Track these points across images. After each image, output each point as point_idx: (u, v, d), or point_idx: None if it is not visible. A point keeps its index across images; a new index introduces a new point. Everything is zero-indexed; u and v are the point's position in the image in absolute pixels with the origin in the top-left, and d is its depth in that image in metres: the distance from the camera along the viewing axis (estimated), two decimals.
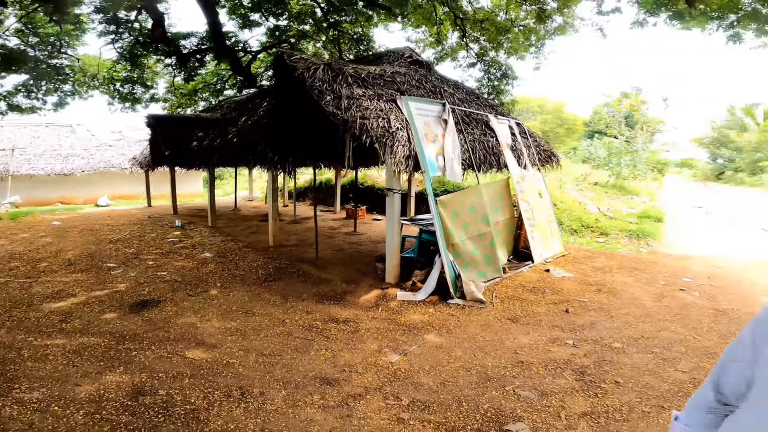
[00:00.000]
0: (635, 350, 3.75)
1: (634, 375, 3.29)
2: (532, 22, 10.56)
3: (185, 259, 6.81)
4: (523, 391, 3.04)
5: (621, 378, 3.24)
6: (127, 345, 3.73)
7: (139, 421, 2.60)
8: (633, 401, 2.92)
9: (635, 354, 3.67)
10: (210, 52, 11.74)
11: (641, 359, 3.57)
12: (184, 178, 16.79)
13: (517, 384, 3.14)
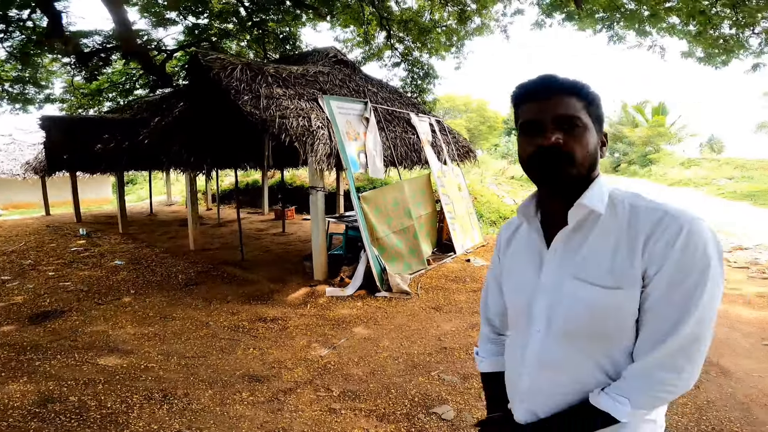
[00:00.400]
0: None
1: None
2: (454, 23, 11.01)
3: (92, 269, 6.32)
4: (447, 375, 3.24)
5: None
6: (29, 356, 3.46)
7: (51, 427, 2.48)
8: None
9: None
10: (117, 51, 10.86)
11: None
12: (89, 184, 15.38)
13: (441, 369, 3.34)
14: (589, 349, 0.89)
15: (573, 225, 0.90)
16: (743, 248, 8.17)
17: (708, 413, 2.73)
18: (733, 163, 22.65)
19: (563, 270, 0.91)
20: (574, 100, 0.88)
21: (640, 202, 0.88)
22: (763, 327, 4.23)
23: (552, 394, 0.94)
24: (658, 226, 0.82)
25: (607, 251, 0.86)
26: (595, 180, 0.91)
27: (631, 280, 0.83)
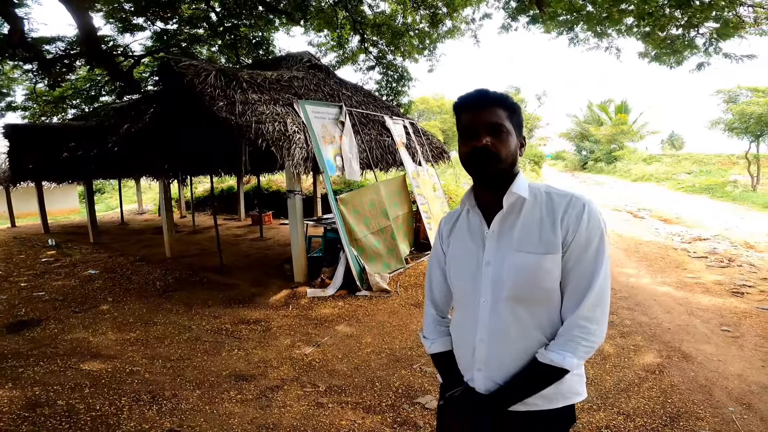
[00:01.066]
0: None
1: None
2: (427, 26, 11.18)
3: (65, 278, 6.20)
4: (428, 367, 3.36)
5: None
6: (11, 363, 3.44)
7: (42, 430, 2.51)
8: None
9: None
10: (81, 57, 10.58)
11: None
12: (56, 194, 14.87)
13: (422, 362, 3.46)
14: (530, 311, 1.11)
15: (507, 208, 1.13)
16: (702, 239, 8.67)
17: (672, 396, 2.90)
18: (692, 158, 23.85)
19: (503, 245, 1.14)
20: (501, 110, 1.11)
21: (551, 190, 1.16)
22: (721, 313, 4.52)
23: (506, 358, 1.13)
24: (569, 205, 1.10)
25: (535, 227, 1.11)
26: (517, 174, 1.15)
27: (555, 247, 1.08)
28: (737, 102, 16.73)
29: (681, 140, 34.88)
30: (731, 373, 3.23)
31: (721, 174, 18.97)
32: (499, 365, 1.13)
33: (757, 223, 10.48)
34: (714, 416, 2.67)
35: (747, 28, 7.63)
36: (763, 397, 2.89)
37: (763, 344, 3.75)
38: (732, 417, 2.66)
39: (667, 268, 6.38)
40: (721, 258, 7.04)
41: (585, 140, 32.75)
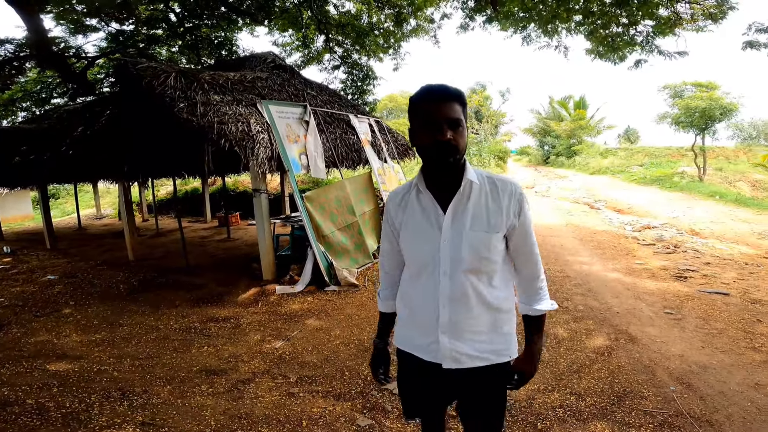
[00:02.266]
0: None
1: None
2: (391, 25, 11.33)
3: (24, 284, 6.03)
4: (395, 356, 3.52)
5: None
6: None
7: (14, 427, 2.52)
8: None
9: None
10: (31, 59, 10.14)
11: None
12: (8, 200, 14.15)
13: (390, 351, 3.61)
14: (481, 278, 1.33)
15: (461, 193, 1.31)
16: (651, 227, 9.25)
17: (619, 377, 3.11)
18: (644, 151, 25.12)
19: (458, 224, 1.32)
20: (458, 105, 1.25)
21: (493, 176, 1.37)
22: (665, 297, 4.86)
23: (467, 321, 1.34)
24: (511, 193, 1.33)
25: (484, 209, 1.32)
26: (465, 162, 1.32)
27: (500, 227, 1.32)
28: (682, 97, 17.72)
29: (636, 134, 36.62)
30: (673, 354, 3.48)
31: (670, 166, 20.13)
32: (460, 327, 1.34)
33: (702, 211, 11.27)
34: (656, 395, 2.87)
35: (684, 24, 8.17)
36: (702, 377, 3.11)
37: (703, 326, 4.04)
38: (673, 396, 2.86)
39: (617, 256, 6.80)
40: (667, 245, 7.55)
41: (547, 136, 33.80)
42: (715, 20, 7.97)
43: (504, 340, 1.39)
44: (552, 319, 4.24)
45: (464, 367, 1.36)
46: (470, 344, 1.35)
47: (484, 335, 1.36)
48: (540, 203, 13.35)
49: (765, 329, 3.95)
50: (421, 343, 1.41)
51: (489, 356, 1.36)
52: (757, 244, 7.84)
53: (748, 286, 5.24)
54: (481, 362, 1.36)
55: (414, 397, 1.55)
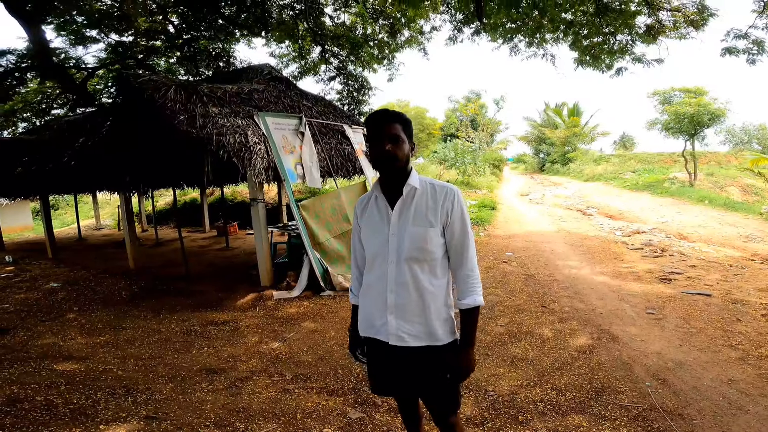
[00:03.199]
0: None
1: None
2: (386, 36, 11.53)
3: (28, 291, 6.17)
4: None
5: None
6: None
7: (25, 422, 2.65)
8: None
9: None
10: (33, 70, 10.35)
11: None
12: (8, 211, 14.30)
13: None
14: (421, 267, 1.59)
15: (405, 195, 1.60)
16: (640, 232, 9.46)
17: (598, 373, 3.27)
18: (637, 158, 25.44)
19: (402, 221, 1.61)
20: (397, 124, 1.58)
21: (435, 182, 1.64)
22: (648, 298, 5.04)
23: (409, 304, 1.60)
24: (446, 194, 1.60)
25: (423, 208, 1.59)
26: (411, 171, 1.62)
27: (436, 223, 1.58)
28: (671, 103, 17.94)
29: (632, 141, 36.89)
30: (651, 351, 3.65)
31: (662, 172, 20.40)
32: (404, 309, 1.60)
33: (691, 216, 11.49)
34: (632, 390, 3.02)
35: (667, 32, 8.40)
36: (677, 373, 3.26)
37: (683, 325, 4.22)
38: (648, 391, 3.01)
39: (605, 260, 7.00)
40: (655, 249, 7.75)
41: (542, 143, 34.10)
42: (697, 27, 8.16)
43: (440, 325, 1.61)
44: (538, 321, 4.42)
45: (407, 345, 1.60)
46: (411, 324, 1.60)
47: (423, 317, 1.60)
48: (533, 210, 13.57)
49: (743, 328, 4.12)
50: (376, 324, 1.66)
51: (425, 337, 1.60)
52: (743, 247, 8.05)
53: (731, 287, 5.42)
54: (417, 341, 1.60)
55: (377, 376, 1.79)
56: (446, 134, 35.60)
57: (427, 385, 1.67)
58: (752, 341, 3.83)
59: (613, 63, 9.00)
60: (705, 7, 8.03)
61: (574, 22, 8.47)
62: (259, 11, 10.18)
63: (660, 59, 8.57)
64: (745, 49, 7.84)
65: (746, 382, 3.14)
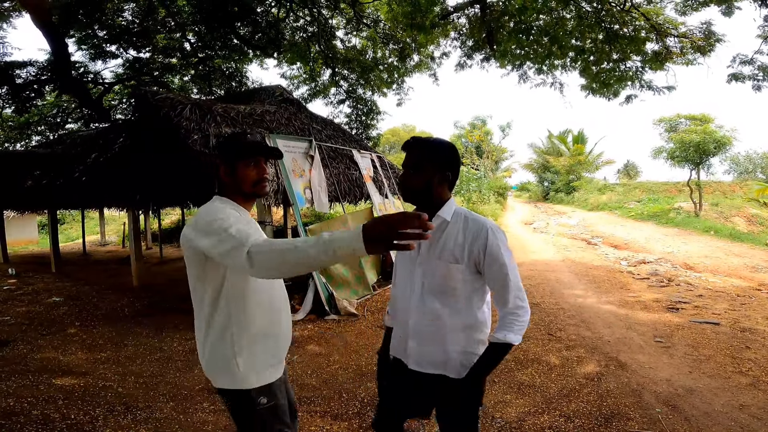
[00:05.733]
0: None
1: None
2: (395, 60, 11.79)
3: (29, 305, 6.15)
4: None
5: None
6: None
7: None
8: None
9: None
10: (51, 83, 10.58)
11: None
12: (13, 224, 14.36)
13: None
14: (441, 300, 1.60)
15: (435, 227, 1.57)
16: (646, 262, 9.40)
17: (607, 400, 3.25)
18: (642, 186, 25.45)
19: (430, 253, 1.61)
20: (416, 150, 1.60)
21: (469, 216, 1.61)
22: (656, 327, 5.01)
23: (426, 332, 1.61)
24: (478, 233, 1.55)
25: (452, 242, 1.57)
26: (447, 201, 1.62)
27: (462, 260, 1.56)
28: (677, 131, 17.84)
29: (636, 169, 36.95)
30: (660, 378, 3.63)
31: (667, 201, 20.37)
32: (423, 336, 1.62)
33: (697, 246, 11.43)
34: (643, 417, 3.00)
35: (674, 58, 8.50)
36: (687, 399, 3.25)
37: (691, 353, 4.20)
38: (658, 417, 2.99)
39: (612, 289, 6.94)
40: (661, 278, 7.70)
41: (546, 171, 34.17)
42: (704, 53, 8.26)
43: (458, 358, 1.60)
44: (545, 348, 4.38)
45: (424, 371, 1.62)
46: (429, 352, 1.62)
47: (440, 347, 1.60)
48: (538, 239, 13.53)
49: (753, 355, 4.10)
50: (401, 346, 1.70)
51: (441, 366, 1.60)
52: (750, 277, 7.99)
53: (739, 316, 5.38)
54: (434, 369, 1.61)
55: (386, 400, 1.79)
56: None
57: (439, 414, 1.67)
58: (762, 368, 3.82)
59: (618, 90, 9.12)
60: (712, 33, 8.14)
61: (584, 49, 8.63)
62: (273, 32, 10.46)
63: (671, 87, 8.64)
64: (750, 75, 7.91)
65: (758, 407, 3.12)
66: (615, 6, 8.22)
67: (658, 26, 8.22)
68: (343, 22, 11.67)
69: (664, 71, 8.70)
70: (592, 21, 8.18)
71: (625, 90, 9.15)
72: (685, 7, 8.09)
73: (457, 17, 9.71)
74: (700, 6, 7.96)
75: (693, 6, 8.02)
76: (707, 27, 8.14)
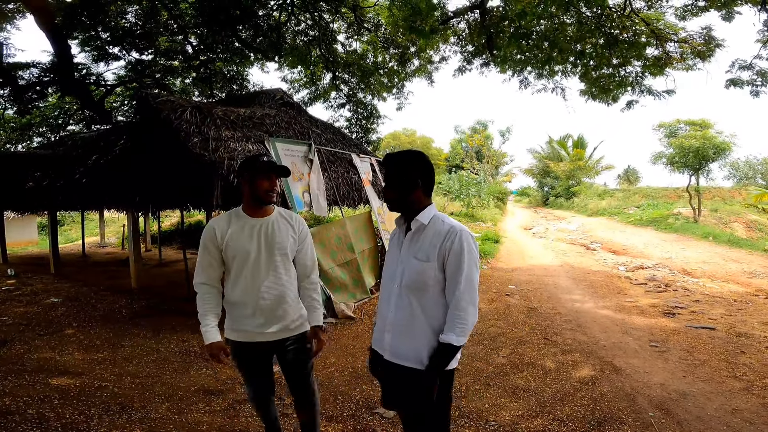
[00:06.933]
0: (470, 344, 4.60)
1: (468, 362, 4.11)
2: (396, 65, 11.80)
3: (28, 305, 6.16)
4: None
5: (459, 365, 4.06)
6: None
7: None
8: (468, 382, 3.70)
9: (470, 346, 4.54)
10: (54, 84, 10.62)
11: (474, 350, 4.46)
12: (13, 225, 14.40)
13: None
14: (416, 295, 1.73)
15: (413, 229, 1.78)
16: (644, 267, 9.42)
17: (601, 404, 3.27)
18: (642, 192, 25.46)
19: (409, 252, 1.78)
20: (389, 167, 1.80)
21: (446, 221, 1.75)
22: (652, 331, 5.04)
23: (401, 325, 1.75)
24: (449, 233, 1.70)
25: (426, 243, 1.73)
26: (426, 207, 1.78)
27: (433, 258, 1.69)
28: (677, 136, 17.76)
29: (636, 174, 36.95)
30: (654, 383, 3.65)
31: (666, 207, 20.37)
32: (398, 330, 1.77)
33: (695, 252, 11.44)
34: (635, 420, 3.03)
35: (674, 63, 8.51)
36: (680, 403, 3.27)
37: (686, 357, 4.23)
38: (651, 421, 3.01)
39: (609, 294, 6.96)
40: (659, 284, 7.71)
41: (546, 176, 34.15)
42: (704, 58, 8.27)
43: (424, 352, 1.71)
44: (540, 352, 4.39)
45: (396, 363, 1.75)
46: (402, 345, 1.75)
47: (413, 341, 1.73)
48: (537, 244, 13.56)
49: (748, 360, 4.12)
50: (380, 338, 1.83)
51: (413, 360, 1.72)
52: (747, 283, 8.01)
53: (735, 321, 5.40)
54: (405, 361, 1.73)
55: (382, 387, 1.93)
56: (451, 165, 35.82)
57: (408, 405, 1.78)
58: (757, 372, 3.85)
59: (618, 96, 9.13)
60: (712, 38, 8.17)
61: (584, 53, 8.65)
62: (274, 36, 10.50)
63: (671, 90, 8.65)
64: (749, 80, 7.93)
65: (750, 412, 3.15)
66: (615, 11, 8.25)
67: (659, 31, 8.25)
68: (344, 26, 11.71)
69: (664, 76, 8.72)
70: (592, 26, 8.22)
71: (624, 95, 9.17)
72: (685, 12, 8.12)
73: (457, 22, 9.76)
74: (700, 11, 7.99)
75: (693, 11, 8.04)
76: (707, 32, 8.17)
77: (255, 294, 2.07)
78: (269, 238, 2.11)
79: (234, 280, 2.09)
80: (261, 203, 2.13)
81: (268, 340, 2.14)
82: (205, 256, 2.09)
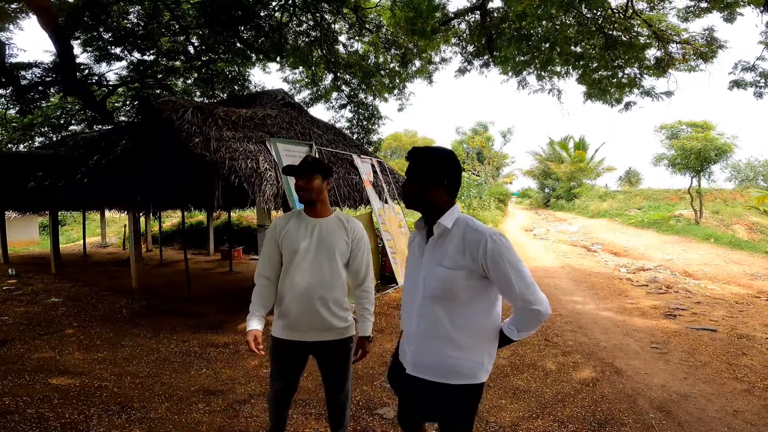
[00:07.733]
0: None
1: None
2: (397, 65, 11.76)
3: (28, 305, 6.17)
4: (388, 384, 3.64)
5: None
6: None
7: None
8: None
9: None
10: (56, 84, 10.63)
11: None
12: (14, 225, 14.44)
13: (382, 379, 3.72)
14: (441, 306, 1.60)
15: (435, 234, 1.63)
16: (645, 269, 9.40)
17: (601, 405, 3.27)
18: (643, 194, 25.41)
19: (431, 259, 1.63)
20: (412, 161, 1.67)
21: (470, 223, 1.60)
22: (653, 333, 5.03)
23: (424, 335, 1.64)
24: (479, 240, 1.54)
25: (452, 249, 1.58)
26: (450, 208, 1.63)
27: (461, 266, 1.56)
28: (678, 137, 17.76)
29: (637, 176, 36.88)
30: (655, 384, 3.65)
31: (668, 209, 20.34)
32: (423, 342, 1.65)
33: (697, 254, 11.43)
34: (636, 422, 3.02)
35: (677, 65, 8.50)
36: (681, 405, 3.27)
37: (687, 359, 4.23)
38: (652, 422, 3.01)
39: (610, 296, 6.95)
40: (660, 285, 7.70)
41: (548, 178, 34.12)
42: (706, 59, 8.25)
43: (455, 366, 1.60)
44: (541, 353, 4.38)
45: (420, 377, 1.64)
46: (425, 357, 1.63)
47: (439, 355, 1.61)
48: (538, 246, 13.54)
49: (749, 361, 4.12)
50: (403, 350, 1.74)
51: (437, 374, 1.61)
52: (748, 284, 7.99)
53: (737, 322, 5.39)
54: (430, 376, 1.62)
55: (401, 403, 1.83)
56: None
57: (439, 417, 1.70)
58: (758, 374, 3.85)
59: (621, 97, 9.12)
60: (714, 39, 8.15)
61: (583, 54, 8.65)
62: (276, 36, 10.49)
63: (670, 92, 8.64)
64: (752, 81, 7.94)
65: (752, 413, 3.15)
66: (617, 12, 8.25)
67: (660, 33, 8.24)
68: (346, 27, 11.69)
69: (666, 78, 8.72)
70: (592, 27, 8.21)
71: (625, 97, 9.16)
72: (688, 14, 8.11)
73: (458, 23, 9.76)
74: (703, 12, 7.98)
75: (695, 12, 8.03)
76: (709, 33, 8.15)
77: (298, 292, 2.10)
78: (320, 238, 2.14)
79: (283, 276, 2.15)
80: (302, 202, 2.21)
81: (305, 340, 2.18)
82: (266, 249, 2.18)
